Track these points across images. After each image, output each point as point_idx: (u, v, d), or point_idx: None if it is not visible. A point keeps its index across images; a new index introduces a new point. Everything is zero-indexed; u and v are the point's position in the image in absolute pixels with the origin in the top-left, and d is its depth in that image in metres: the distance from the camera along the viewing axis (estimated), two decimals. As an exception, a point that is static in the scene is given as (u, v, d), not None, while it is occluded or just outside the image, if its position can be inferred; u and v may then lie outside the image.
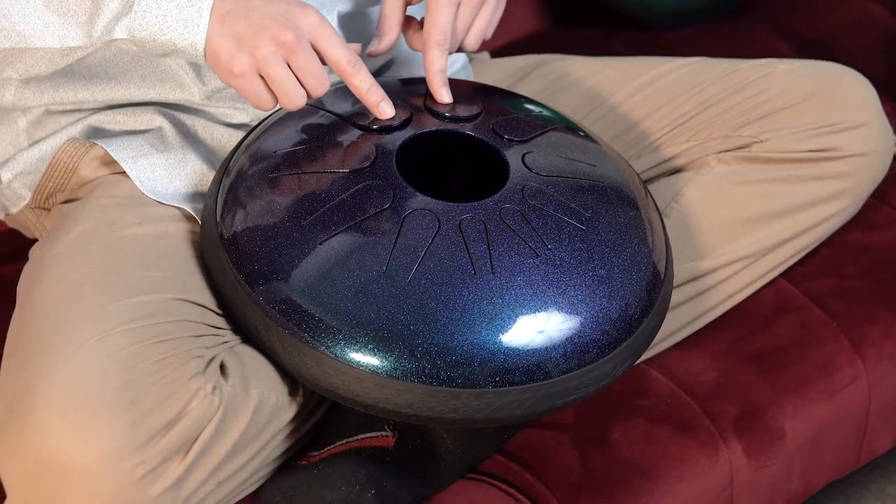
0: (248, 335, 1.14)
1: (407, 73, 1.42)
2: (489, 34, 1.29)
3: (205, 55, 1.14)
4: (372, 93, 1.18)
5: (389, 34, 1.25)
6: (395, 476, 1.16)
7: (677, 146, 1.39)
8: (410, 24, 1.27)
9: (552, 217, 1.14)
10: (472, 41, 1.27)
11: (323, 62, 1.16)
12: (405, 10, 1.25)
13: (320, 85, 1.15)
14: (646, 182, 1.36)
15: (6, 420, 1.05)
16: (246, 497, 1.15)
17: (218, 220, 1.15)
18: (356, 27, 1.34)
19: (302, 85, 1.15)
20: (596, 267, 1.13)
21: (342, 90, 1.26)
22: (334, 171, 1.16)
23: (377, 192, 1.13)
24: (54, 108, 1.27)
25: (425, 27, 1.23)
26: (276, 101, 1.15)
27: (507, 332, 1.09)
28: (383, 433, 1.17)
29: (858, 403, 1.37)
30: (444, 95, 1.23)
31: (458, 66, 1.48)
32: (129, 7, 1.13)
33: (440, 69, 1.23)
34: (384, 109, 1.18)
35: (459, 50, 1.28)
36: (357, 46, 1.20)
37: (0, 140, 1.30)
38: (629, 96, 1.42)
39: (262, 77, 1.14)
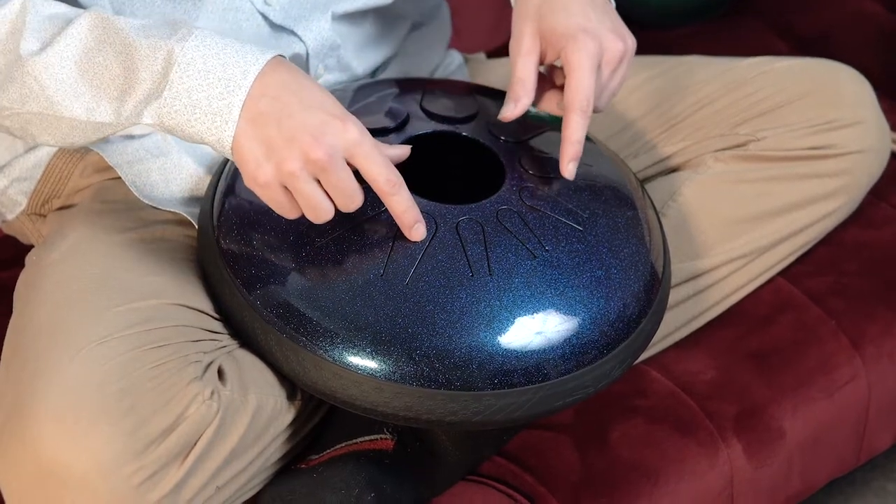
0: (245, 340, 1.13)
1: (406, 69, 1.42)
2: (617, 93, 1.23)
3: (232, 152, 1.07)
4: (408, 214, 1.09)
5: (524, 99, 1.17)
6: (394, 479, 1.16)
7: (674, 145, 1.39)
8: (540, 81, 1.21)
9: (549, 218, 1.14)
10: (604, 103, 1.21)
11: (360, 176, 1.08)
12: (538, 71, 1.19)
13: (352, 202, 1.07)
14: (643, 181, 1.36)
15: (4, 427, 1.05)
16: (245, 501, 1.15)
17: (215, 224, 1.15)
18: (352, 27, 1.34)
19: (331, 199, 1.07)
20: (594, 267, 1.13)
21: (339, 93, 1.26)
22: (331, 174, 1.15)
23: (374, 195, 1.12)
24: (50, 114, 1.26)
25: (568, 91, 1.15)
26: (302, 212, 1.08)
27: (505, 334, 1.08)
28: (382, 436, 1.17)
29: (858, 401, 1.37)
30: (570, 169, 1.15)
31: (453, 66, 1.48)
32: (160, 91, 1.06)
33: (579, 139, 1.14)
34: (417, 231, 1.10)
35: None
36: (405, 149, 1.13)
37: (-4, 146, 1.30)
38: (626, 95, 1.42)
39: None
